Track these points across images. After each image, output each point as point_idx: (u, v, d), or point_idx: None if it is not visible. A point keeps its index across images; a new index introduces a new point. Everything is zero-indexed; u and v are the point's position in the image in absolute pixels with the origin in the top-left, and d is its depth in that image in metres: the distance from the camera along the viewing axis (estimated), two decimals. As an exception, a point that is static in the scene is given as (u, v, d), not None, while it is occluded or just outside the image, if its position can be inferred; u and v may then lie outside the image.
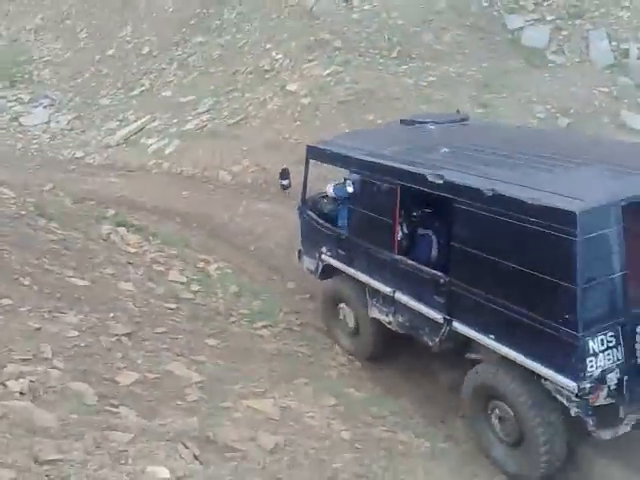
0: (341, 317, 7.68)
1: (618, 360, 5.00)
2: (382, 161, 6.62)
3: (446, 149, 6.55)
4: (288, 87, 14.55)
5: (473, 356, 6.04)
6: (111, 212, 10.81)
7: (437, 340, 6.18)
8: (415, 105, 13.17)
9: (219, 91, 15.70)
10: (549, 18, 15.80)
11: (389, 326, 6.89)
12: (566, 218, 4.74)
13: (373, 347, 7.37)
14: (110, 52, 18.77)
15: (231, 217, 11.77)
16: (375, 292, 6.95)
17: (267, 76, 15.34)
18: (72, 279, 7.45)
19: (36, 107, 17.82)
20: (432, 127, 7.66)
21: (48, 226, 8.89)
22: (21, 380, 4.12)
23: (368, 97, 13.62)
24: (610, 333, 4.95)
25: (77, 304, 6.78)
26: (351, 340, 7.60)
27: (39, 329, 5.73)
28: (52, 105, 17.94)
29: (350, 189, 7.14)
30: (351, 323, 7.55)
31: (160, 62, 17.39)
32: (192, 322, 7.50)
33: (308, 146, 7.90)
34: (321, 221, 7.85)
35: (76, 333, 5.93)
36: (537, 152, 6.17)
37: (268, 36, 16.56)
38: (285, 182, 8.53)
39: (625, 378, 5.02)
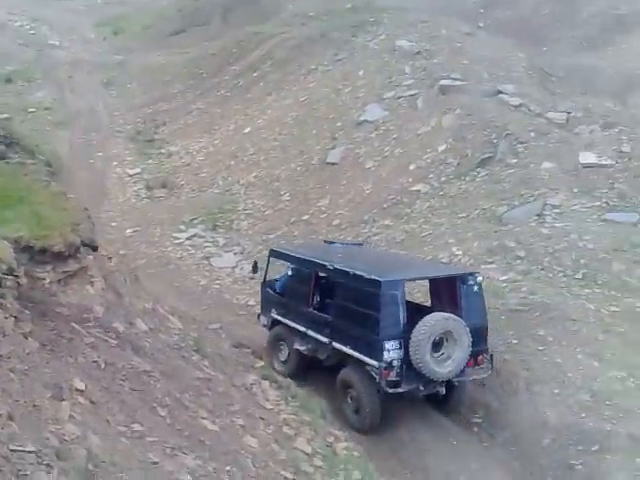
0: (280, 350, 12.59)
1: (400, 356, 10.22)
2: (308, 258, 12.34)
3: (339, 255, 12.56)
4: (461, 283, 14.53)
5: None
6: (260, 363, 11.07)
7: (325, 355, 11.51)
8: (593, 333, 12.48)
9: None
10: None
11: (304, 352, 11.97)
12: (377, 284, 10.38)
13: (295, 368, 12.25)
14: (305, 217, 20.18)
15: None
16: (297, 332, 12.13)
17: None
18: (204, 421, 7.58)
19: (227, 252, 19.38)
20: (338, 245, 14.16)
21: (200, 363, 9.27)
22: (117, 513, 4.11)
23: (542, 311, 13.14)
24: (396, 341, 10.24)
25: (200, 447, 6.83)
26: (283, 365, 12.38)
27: (156, 464, 5.80)
28: (242, 253, 19.37)
29: (290, 272, 12.67)
30: (285, 354, 12.48)
31: (346, 235, 18.35)
32: (303, 500, 7.20)
33: (270, 249, 14.07)
34: (272, 293, 13.23)
35: (189, 478, 5.92)
36: (379, 259, 13.66)
37: (453, 232, 16.92)
38: (255, 272, 14.03)
39: (404, 367, 10.23)
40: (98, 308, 8.29)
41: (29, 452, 4.72)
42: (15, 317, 6.57)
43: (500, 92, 22.32)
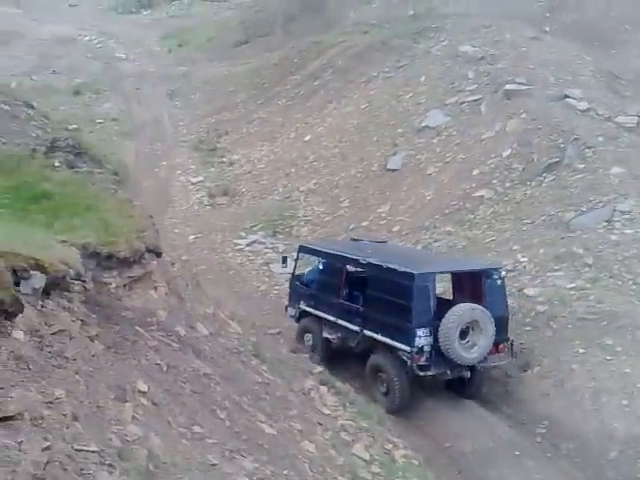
0: (306, 340, 13.71)
1: (430, 343, 11.22)
2: (340, 253, 13.47)
3: (369, 250, 13.31)
4: (526, 291, 14.20)
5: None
6: (319, 369, 11.08)
7: (356, 342, 12.46)
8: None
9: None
10: None
11: (332, 340, 13.14)
12: (411, 276, 11.34)
13: (323, 355, 13.05)
14: (364, 224, 20.12)
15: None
16: (327, 322, 13.20)
17: (508, 275, 15.14)
18: (262, 424, 7.62)
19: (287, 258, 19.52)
20: (366, 242, 14.90)
21: (259, 367, 9.33)
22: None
23: (610, 320, 12.73)
24: (426, 329, 11.23)
25: (258, 451, 6.87)
26: (310, 353, 12.84)
27: (215, 465, 5.86)
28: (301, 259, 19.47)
29: (320, 266, 13.74)
30: (311, 343, 13.57)
31: (406, 242, 18.20)
32: (362, 506, 7.15)
33: (299, 245, 15.47)
34: (302, 286, 14.26)
35: (246, 480, 5.96)
36: (407, 254, 15.15)
37: (517, 238, 16.54)
38: (284, 266, 15.04)
39: (433, 352, 11.24)
40: (161, 312, 8.46)
41: (92, 452, 4.83)
42: (82, 320, 6.77)
43: (567, 96, 21.76)
